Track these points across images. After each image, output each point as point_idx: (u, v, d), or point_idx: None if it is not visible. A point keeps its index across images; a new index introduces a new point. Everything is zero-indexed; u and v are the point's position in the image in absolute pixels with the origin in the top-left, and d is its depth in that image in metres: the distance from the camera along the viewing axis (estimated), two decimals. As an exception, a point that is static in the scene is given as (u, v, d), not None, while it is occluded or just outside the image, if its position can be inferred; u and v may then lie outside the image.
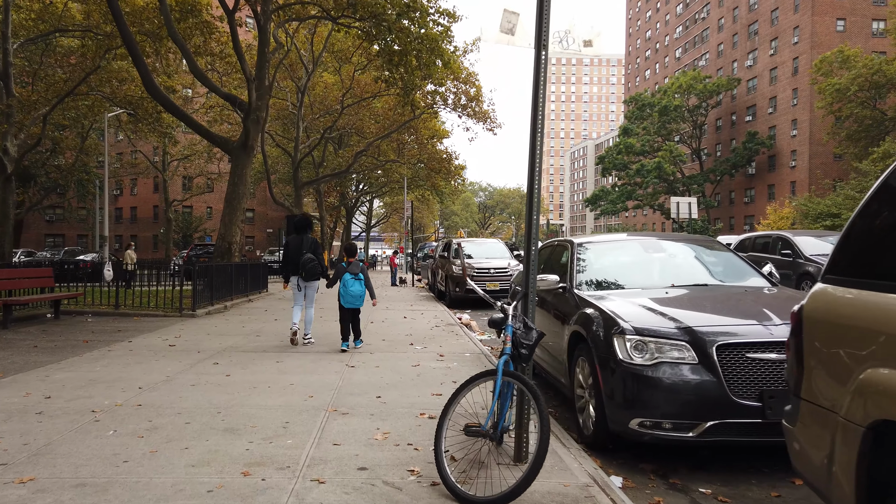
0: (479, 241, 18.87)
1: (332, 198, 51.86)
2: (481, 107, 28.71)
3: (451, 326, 10.87)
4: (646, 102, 65.96)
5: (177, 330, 9.94)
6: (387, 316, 12.50)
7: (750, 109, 63.75)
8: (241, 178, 17.04)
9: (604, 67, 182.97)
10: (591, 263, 5.67)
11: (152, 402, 5.25)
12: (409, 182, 40.97)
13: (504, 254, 17.45)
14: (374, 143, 30.03)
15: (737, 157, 60.20)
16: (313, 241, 8.52)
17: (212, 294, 13.16)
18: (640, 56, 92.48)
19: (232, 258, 16.71)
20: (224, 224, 17.01)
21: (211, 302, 13.10)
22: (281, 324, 10.96)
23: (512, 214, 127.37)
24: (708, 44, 72.67)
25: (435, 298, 18.30)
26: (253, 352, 7.92)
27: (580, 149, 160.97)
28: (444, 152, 32.93)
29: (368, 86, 28.96)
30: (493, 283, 15.58)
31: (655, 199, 64.53)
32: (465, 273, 15.69)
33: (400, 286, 24.35)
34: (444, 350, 8.15)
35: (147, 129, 31.48)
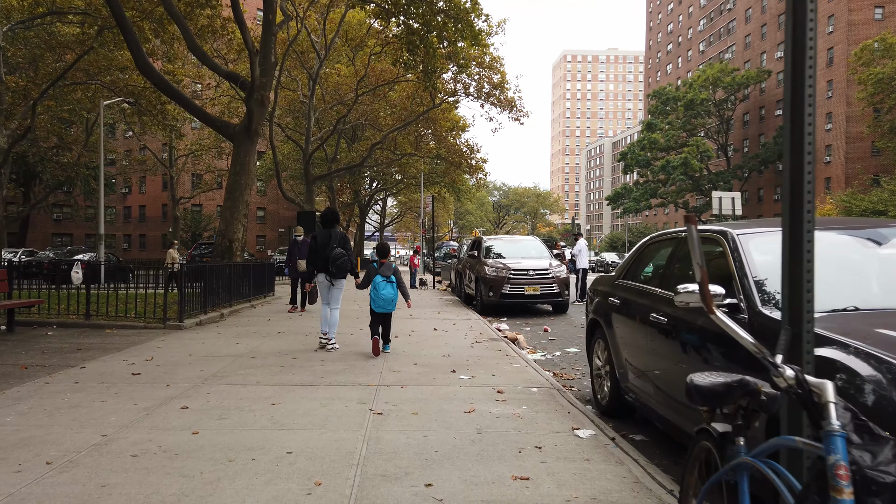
0: (513, 239, 16.71)
1: (344, 196, 49.93)
2: (506, 94, 26.54)
3: (494, 342, 8.74)
4: (670, 96, 63.39)
5: (152, 348, 7.89)
6: (414, 327, 10.40)
7: (780, 103, 60.89)
8: (243, 166, 15.02)
9: (620, 64, 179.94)
10: (770, 268, 3.49)
11: (50, 497, 3.16)
12: (425, 178, 38.90)
13: (542, 252, 15.27)
14: (390, 134, 27.92)
15: (767, 153, 57.53)
16: (343, 236, 7.90)
17: (205, 300, 11.12)
18: (662, 50, 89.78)
19: (233, 258, 14.69)
20: (224, 219, 14.99)
21: (204, 310, 11.06)
22: (285, 339, 8.89)
23: (527, 213, 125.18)
24: (734, 35, 69.95)
25: (462, 303, 16.19)
26: (242, 384, 5.83)
27: (597, 147, 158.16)
28: (465, 144, 30.74)
29: (384, 73, 26.90)
30: (533, 288, 13.42)
31: (680, 196, 61.98)
32: (502, 275, 13.54)
33: (420, 288, 22.25)
34: (499, 381, 6.02)
35: (152, 122, 29.74)
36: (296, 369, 6.56)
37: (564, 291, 13.70)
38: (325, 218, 7.99)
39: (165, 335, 9.05)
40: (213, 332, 9.40)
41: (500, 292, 13.46)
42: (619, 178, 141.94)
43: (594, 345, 5.67)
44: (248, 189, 15.10)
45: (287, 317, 11.84)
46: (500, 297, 13.47)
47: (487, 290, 13.68)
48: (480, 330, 10.18)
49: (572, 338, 10.26)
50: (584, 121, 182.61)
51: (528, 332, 11.17)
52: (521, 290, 13.39)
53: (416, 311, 13.35)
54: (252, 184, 15.28)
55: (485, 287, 13.77)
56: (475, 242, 16.49)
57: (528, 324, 12.38)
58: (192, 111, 15.40)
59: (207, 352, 7.64)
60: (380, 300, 7.38)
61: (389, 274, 7.44)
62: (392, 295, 7.40)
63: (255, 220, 64.99)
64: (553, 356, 8.52)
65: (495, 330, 10.31)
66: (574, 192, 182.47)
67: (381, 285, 7.38)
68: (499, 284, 13.50)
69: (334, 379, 6.11)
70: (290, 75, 31.02)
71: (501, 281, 13.49)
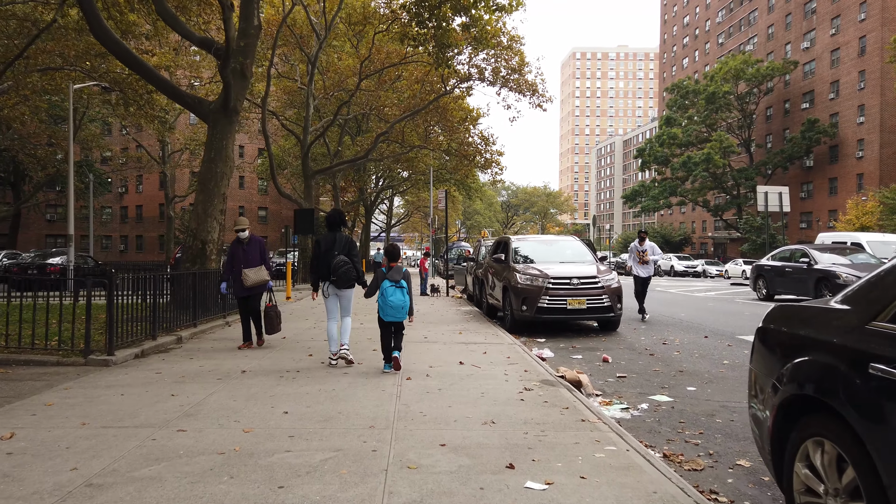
0: (547, 239, 13.91)
1: (349, 194, 47.31)
2: (526, 78, 23.76)
3: (550, 389, 6.02)
4: (689, 90, 60.41)
5: (34, 408, 5.19)
6: (432, 357, 7.69)
7: (807, 96, 57.93)
8: (220, 151, 12.34)
9: (630, 62, 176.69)
10: None
11: None
12: (434, 175, 36.22)
13: (584, 255, 12.50)
14: (398, 122, 25.17)
15: (794, 148, 54.40)
16: (348, 241, 7.42)
17: (154, 321, 8.44)
18: (677, 44, 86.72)
19: (207, 263, 12.02)
20: (196, 216, 12.32)
21: (153, 333, 8.38)
22: (248, 384, 6.19)
23: (537, 213, 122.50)
24: (756, 26, 66.88)
25: (483, 316, 13.47)
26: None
27: (607, 145, 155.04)
28: (479, 135, 27.94)
29: (391, 55, 24.21)
30: (578, 301, 10.66)
31: (702, 194, 58.94)
32: (539, 285, 10.79)
33: (433, 296, 19.52)
34: (602, 498, 3.30)
35: (139, 113, 27.26)
36: (242, 466, 3.84)
37: (617, 305, 10.94)
38: (330, 221, 7.45)
39: (78, 377, 6.35)
40: (150, 373, 6.69)
41: (537, 306, 10.71)
42: (631, 177, 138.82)
43: (799, 449, 2.90)
44: (225, 179, 12.42)
45: (267, 346, 9.14)
46: (536, 313, 10.72)
47: (520, 304, 10.94)
48: (522, 363, 7.45)
49: (646, 374, 7.52)
50: (593, 119, 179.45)
51: (581, 361, 8.43)
52: (562, 304, 10.64)
53: (432, 330, 10.63)
54: (230, 172, 12.61)
55: (516, 299, 11.02)
56: (501, 243, 13.75)
57: (575, 347, 9.63)
58: (158, 85, 12.75)
59: (115, 418, 4.91)
60: (388, 308, 6.69)
61: (399, 278, 6.74)
62: (402, 301, 6.72)
63: (257, 220, 62.47)
64: (640, 412, 5.78)
65: (541, 362, 7.57)
66: (584, 192, 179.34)
67: (389, 291, 6.70)
68: (534, 296, 10.76)
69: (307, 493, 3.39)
70: (288, 61, 28.38)
71: (538, 292, 10.75)
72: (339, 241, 7.26)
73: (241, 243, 8.59)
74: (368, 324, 11.36)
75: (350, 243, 7.38)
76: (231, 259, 8.63)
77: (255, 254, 8.57)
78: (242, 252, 8.54)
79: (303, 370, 6.90)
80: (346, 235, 7.49)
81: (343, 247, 7.25)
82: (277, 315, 8.59)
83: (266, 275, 8.51)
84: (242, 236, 8.61)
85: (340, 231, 7.42)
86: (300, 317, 12.89)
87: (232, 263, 8.61)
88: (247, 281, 8.40)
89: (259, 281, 8.43)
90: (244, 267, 8.44)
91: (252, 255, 8.54)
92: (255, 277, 8.43)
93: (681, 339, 10.23)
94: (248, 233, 8.67)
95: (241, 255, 8.53)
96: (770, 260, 17.81)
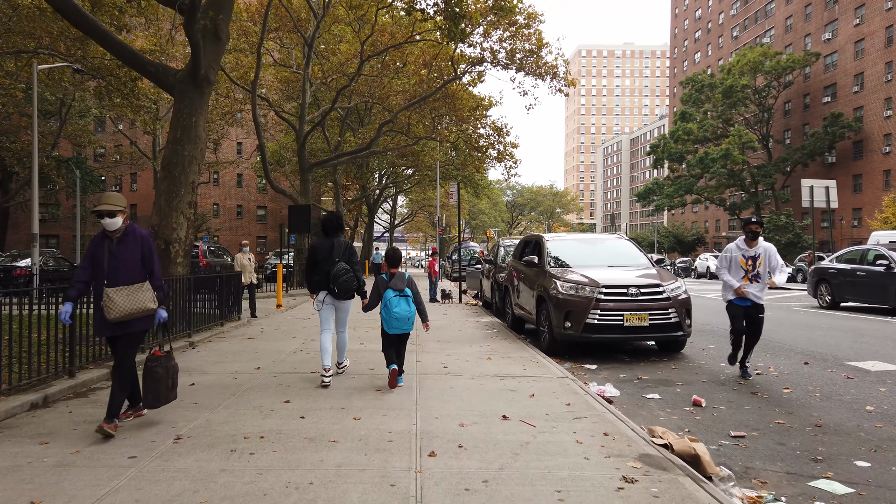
0: (587, 238, 11.50)
1: (351, 192, 45.05)
2: (543, 60, 21.40)
3: (665, 478, 3.71)
4: (705, 83, 57.98)
5: None
6: (461, 409, 5.34)
7: (828, 89, 55.44)
8: (187, 130, 10.04)
9: (637, 59, 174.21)
10: None
11: None
12: (441, 172, 33.91)
13: (638, 258, 10.13)
14: (404, 110, 22.82)
15: (816, 143, 51.89)
16: (348, 247, 6.61)
17: (73, 349, 6.13)
18: (689, 39, 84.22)
19: (172, 268, 9.73)
20: (158, 209, 10.02)
21: (69, 367, 6.08)
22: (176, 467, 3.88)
23: (543, 213, 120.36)
24: (773, 18, 64.39)
25: (508, 329, 11.15)
26: None
27: (614, 144, 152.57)
28: (491, 125, 25.55)
29: (396, 34, 21.90)
30: (638, 316, 8.32)
31: (719, 192, 56.44)
32: (586, 295, 8.45)
33: (444, 302, 17.19)
34: None
35: (124, 104, 25.10)
36: None
37: (686, 321, 8.59)
38: (326, 225, 6.68)
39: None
40: (33, 444, 4.39)
41: (584, 322, 8.37)
42: (638, 176, 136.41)
43: None
44: (194, 164, 10.11)
45: (236, 367, 6.80)
46: (584, 331, 8.38)
47: (561, 319, 8.60)
48: (592, 414, 5.12)
49: (770, 430, 5.19)
50: (599, 118, 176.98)
51: (661, 403, 6.11)
52: (618, 320, 8.30)
53: (452, 354, 8.30)
54: (202, 157, 10.31)
55: (557, 313, 8.68)
56: (531, 243, 11.40)
57: (642, 378, 7.29)
58: (111, 48, 10.44)
59: None
60: (393, 320, 6.08)
61: (403, 287, 6.18)
62: (407, 312, 6.12)
63: (256, 219, 60.19)
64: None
65: (620, 415, 5.23)
66: (590, 191, 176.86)
67: (393, 301, 6.11)
68: (581, 310, 8.42)
69: None
70: (284, 45, 26.09)
71: (585, 304, 8.41)
72: (337, 248, 6.52)
73: (109, 239, 4.66)
74: (371, 343, 9.07)
75: (349, 249, 6.62)
76: (89, 265, 4.65)
77: (132, 259, 4.66)
78: (109, 255, 4.61)
79: (271, 434, 4.59)
80: (346, 241, 6.70)
81: (343, 253, 6.51)
82: (168, 373, 4.84)
83: (148, 300, 4.64)
84: (109, 225, 4.61)
85: (339, 236, 6.65)
86: (287, 333, 10.58)
87: (91, 273, 4.65)
88: (111, 310, 4.48)
89: (133, 311, 4.55)
90: (108, 284, 4.55)
91: (127, 260, 4.63)
92: (126, 304, 4.53)
93: (776, 367, 7.87)
94: (120, 221, 4.64)
95: (104, 260, 4.60)
96: (835, 262, 15.42)
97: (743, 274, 7.19)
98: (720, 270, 7.41)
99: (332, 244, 6.54)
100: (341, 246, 6.55)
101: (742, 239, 7.33)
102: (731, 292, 7.28)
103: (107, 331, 4.65)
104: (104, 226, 4.64)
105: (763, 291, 7.20)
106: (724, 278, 7.36)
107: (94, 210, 4.69)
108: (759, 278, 7.15)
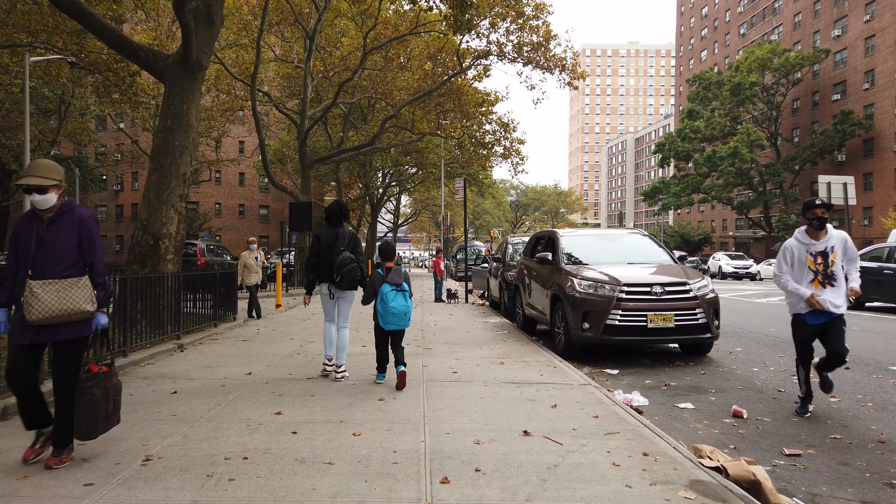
0: (605, 233, 10.83)
1: (354, 190, 44.47)
2: (552, 52, 20.75)
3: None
4: (713, 81, 57.20)
5: None
6: (475, 422, 4.69)
7: (838, 86, 54.60)
8: (178, 118, 9.44)
9: (641, 59, 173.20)
10: None
11: None
12: (445, 170, 33.30)
13: (659, 254, 9.47)
14: (409, 104, 22.18)
15: (826, 141, 51.05)
16: (352, 237, 6.43)
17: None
18: (695, 36, 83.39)
19: (161, 264, 9.13)
20: (147, 203, 9.41)
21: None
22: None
23: (547, 213, 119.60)
24: (781, 15, 63.57)
25: (519, 331, 10.52)
26: None
27: (618, 143, 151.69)
28: (497, 121, 24.85)
29: (399, 24, 21.28)
30: (663, 317, 7.67)
31: (727, 190, 55.59)
32: (606, 294, 7.81)
33: (450, 302, 16.56)
34: None
35: (123, 100, 24.69)
36: None
37: (714, 322, 7.94)
38: (330, 214, 6.43)
39: None
40: None
41: (604, 323, 7.73)
42: (643, 175, 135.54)
43: None
44: (186, 154, 9.51)
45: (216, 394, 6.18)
46: (604, 333, 7.74)
47: (579, 319, 7.95)
48: (625, 429, 4.48)
49: (827, 446, 4.55)
50: (603, 117, 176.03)
51: (697, 414, 5.47)
52: (640, 321, 7.65)
53: (461, 357, 7.66)
54: (194, 147, 9.70)
55: (574, 313, 8.04)
56: (543, 238, 10.76)
57: (671, 385, 6.64)
58: (97, 31, 9.83)
59: None
60: (390, 315, 5.82)
61: (400, 281, 5.90)
62: (404, 307, 5.88)
63: (258, 219, 59.61)
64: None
65: (657, 431, 4.59)
66: (594, 191, 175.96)
67: (390, 296, 5.83)
68: (601, 310, 7.78)
69: None
70: (285, 39, 25.50)
71: (606, 304, 7.76)
72: (341, 237, 6.37)
73: (39, 220, 3.71)
74: (374, 346, 8.46)
75: (354, 239, 6.46)
76: (13, 255, 3.72)
77: (66, 246, 3.71)
78: (37, 240, 3.67)
79: (256, 454, 3.96)
80: (350, 231, 6.54)
81: (347, 243, 6.36)
82: (108, 395, 3.78)
83: (84, 299, 3.67)
84: (39, 204, 3.66)
85: (343, 226, 6.48)
86: (284, 335, 9.96)
87: (15, 261, 3.71)
88: (32, 309, 3.54)
89: (62, 312, 3.60)
90: (32, 276, 3.62)
91: (58, 248, 3.69)
92: (54, 303, 3.58)
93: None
94: (54, 198, 3.70)
95: (30, 247, 3.66)
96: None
97: (812, 277, 5.24)
98: (780, 277, 5.41)
99: (337, 233, 6.39)
100: (346, 235, 6.40)
101: (803, 230, 5.35)
102: (800, 302, 5.27)
103: (26, 336, 3.60)
104: (32, 204, 3.67)
105: (843, 298, 5.19)
106: (789, 286, 5.33)
107: (18, 183, 3.72)
108: (835, 280, 5.19)
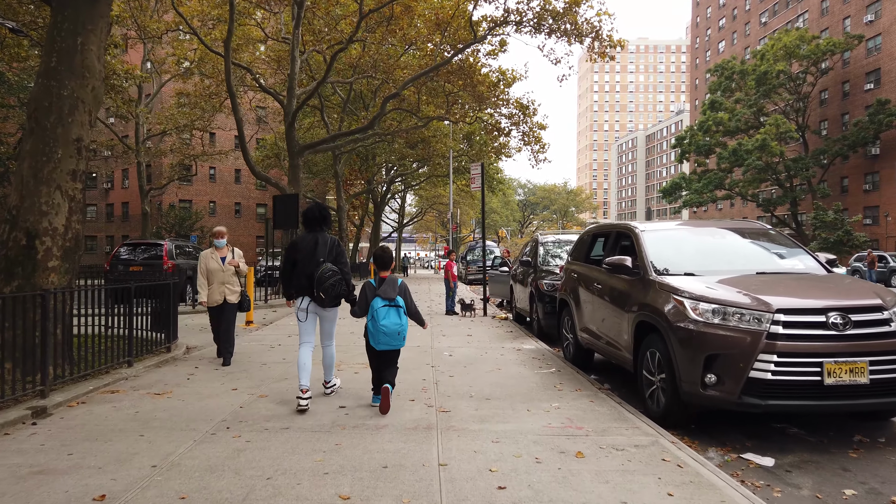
0: (706, 229, 7.23)
1: (355, 187, 41.38)
2: (583, 17, 17.52)
3: None
4: (736, 70, 53.79)
5: None
6: None
7: (871, 75, 51.17)
8: (68, 56, 6.26)
9: (651, 54, 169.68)
10: None
11: None
12: (454, 164, 30.15)
13: (799, 259, 6.22)
14: (415, 80, 18.96)
15: (859, 133, 47.58)
16: (335, 244, 5.50)
17: None
18: (712, 27, 79.96)
19: (38, 275, 5.96)
20: (19, 181, 6.22)
21: None
22: None
23: (556, 212, 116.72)
24: (807, 1, 60.15)
25: (568, 365, 7.31)
26: None
27: (628, 141, 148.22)
28: (515, 103, 21.64)
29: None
30: (850, 366, 4.46)
31: (754, 186, 52.09)
32: (748, 329, 4.63)
33: (466, 315, 13.31)
34: None
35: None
36: None
37: (930, 374, 4.74)
38: (309, 218, 5.51)
39: None
40: None
41: (746, 376, 4.53)
42: (653, 173, 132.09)
43: None
44: (80, 111, 6.33)
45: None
46: (746, 392, 4.51)
47: (699, 368, 4.73)
48: None
49: None
50: (612, 114, 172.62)
51: None
52: (811, 372, 4.46)
53: (496, 429, 4.38)
54: (95, 103, 6.54)
55: (687, 355, 4.82)
56: (610, 236, 7.50)
57: (876, 489, 3.47)
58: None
59: None
60: (381, 335, 4.99)
61: (394, 296, 5.09)
62: (397, 325, 5.02)
63: (255, 218, 56.35)
64: None
65: None
66: (603, 189, 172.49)
67: (381, 312, 5.01)
68: (739, 353, 4.57)
69: None
70: (272, 10, 22.36)
71: (746, 343, 4.54)
72: (322, 245, 5.37)
73: None
74: (366, 373, 5.33)
75: (336, 248, 5.44)
76: None
77: None
78: None
79: None
80: (332, 237, 5.50)
81: (329, 251, 5.36)
82: None
83: None
84: None
85: (323, 231, 5.49)
86: (231, 376, 6.76)
87: None
88: None
89: None
90: None
91: None
92: None
93: None
94: None
95: None
96: None
97: None
98: None
99: (316, 241, 5.44)
100: (327, 243, 5.44)
101: None
102: None
103: None
104: None
105: None
106: None
107: None
108: None
